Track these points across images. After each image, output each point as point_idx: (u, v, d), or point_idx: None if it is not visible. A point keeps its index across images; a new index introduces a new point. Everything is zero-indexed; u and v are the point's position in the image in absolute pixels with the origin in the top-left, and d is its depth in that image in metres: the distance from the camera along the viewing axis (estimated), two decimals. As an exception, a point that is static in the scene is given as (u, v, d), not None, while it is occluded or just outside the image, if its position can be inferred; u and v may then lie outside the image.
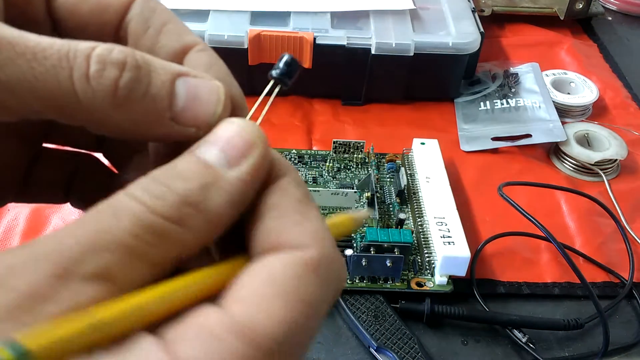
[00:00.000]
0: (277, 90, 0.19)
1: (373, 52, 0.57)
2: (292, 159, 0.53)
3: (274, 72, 0.19)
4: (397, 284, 0.43)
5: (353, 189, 0.49)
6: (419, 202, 0.48)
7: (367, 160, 0.53)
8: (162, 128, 0.17)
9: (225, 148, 0.16)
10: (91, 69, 0.15)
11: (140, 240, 0.14)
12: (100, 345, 0.13)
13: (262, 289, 0.15)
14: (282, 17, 0.60)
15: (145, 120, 0.16)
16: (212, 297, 0.15)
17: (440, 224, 0.44)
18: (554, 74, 0.64)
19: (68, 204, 0.22)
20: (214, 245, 0.18)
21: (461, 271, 0.43)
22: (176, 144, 0.18)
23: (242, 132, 0.17)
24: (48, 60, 0.15)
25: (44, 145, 0.22)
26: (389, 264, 0.42)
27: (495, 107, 0.61)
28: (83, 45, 0.16)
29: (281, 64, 0.19)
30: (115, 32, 0.19)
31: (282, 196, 0.17)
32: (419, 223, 0.46)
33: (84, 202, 0.22)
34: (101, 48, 0.16)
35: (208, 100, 0.17)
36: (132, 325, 0.14)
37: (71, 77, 0.15)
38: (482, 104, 0.61)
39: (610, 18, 0.79)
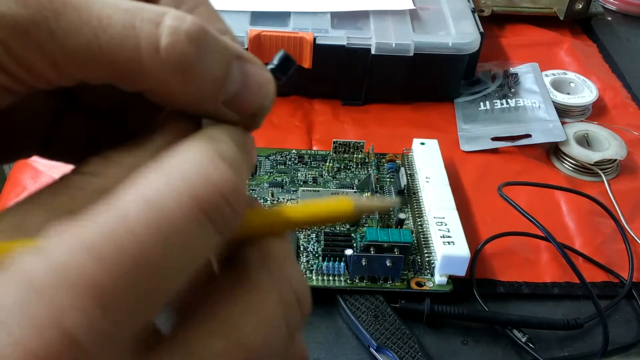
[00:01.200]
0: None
1: (373, 52, 0.57)
2: (292, 159, 0.53)
3: (269, 67, 0.19)
4: (397, 283, 0.43)
5: (353, 189, 0.49)
6: (419, 202, 0.48)
7: (367, 160, 0.53)
8: (212, 107, 0.17)
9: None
10: (162, 40, 0.15)
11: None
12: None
13: (110, 199, 0.14)
14: (282, 17, 0.60)
15: (200, 98, 0.16)
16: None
17: (440, 223, 0.44)
18: (553, 74, 0.64)
19: None
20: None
21: (461, 271, 0.43)
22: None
23: None
24: (113, 27, 0.15)
25: (70, 104, 0.21)
26: (388, 264, 0.42)
27: (495, 107, 0.61)
28: (150, 13, 0.15)
29: (275, 60, 0.19)
30: None
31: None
32: (419, 223, 0.47)
33: None
34: (173, 17, 0.15)
35: (260, 93, 0.17)
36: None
37: (138, 46, 0.15)
38: (481, 104, 0.61)
39: (609, 18, 0.79)
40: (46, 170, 0.52)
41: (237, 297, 0.15)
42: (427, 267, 0.44)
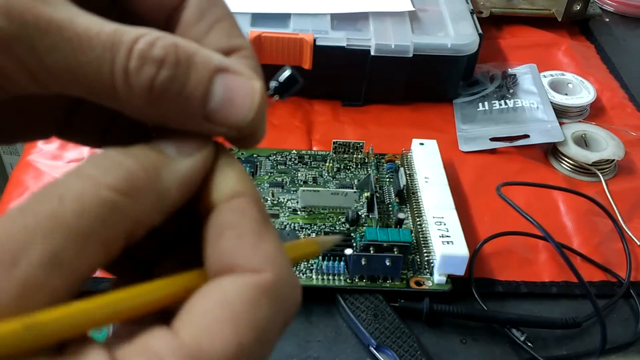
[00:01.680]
0: (275, 98, 0.19)
1: (372, 53, 0.58)
2: (292, 159, 0.53)
3: (272, 85, 0.19)
4: (396, 283, 0.43)
5: (353, 189, 0.50)
6: (418, 202, 0.48)
7: (366, 161, 0.53)
8: (194, 124, 0.17)
9: (178, 142, 0.17)
10: (130, 64, 0.15)
11: (86, 219, 0.14)
12: (43, 348, 0.13)
13: (213, 312, 0.15)
14: (282, 18, 0.60)
15: (178, 116, 0.17)
16: (165, 309, 0.16)
17: (439, 223, 0.45)
18: (551, 75, 0.65)
19: None
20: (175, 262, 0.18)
21: (460, 270, 0.43)
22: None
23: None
24: (93, 50, 0.15)
25: None
26: (388, 264, 0.42)
27: (494, 108, 0.61)
28: (127, 37, 0.15)
29: (280, 78, 0.19)
30: (170, 14, 0.19)
31: (241, 216, 0.16)
32: (418, 223, 0.47)
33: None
34: (143, 42, 0.15)
35: (242, 104, 0.17)
36: (73, 330, 0.14)
37: (112, 70, 0.15)
38: (480, 104, 0.62)
39: (607, 19, 0.80)
40: (48, 170, 0.52)
41: None
42: (426, 266, 0.44)
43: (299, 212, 0.48)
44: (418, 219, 0.47)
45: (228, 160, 0.18)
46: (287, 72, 0.19)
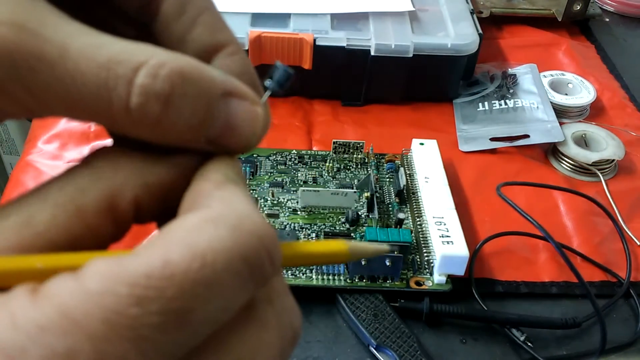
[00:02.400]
0: (268, 94, 0.19)
1: (372, 53, 0.58)
2: (292, 159, 0.53)
3: (268, 84, 0.19)
4: (396, 283, 0.43)
5: (353, 189, 0.50)
6: (418, 202, 0.48)
7: (366, 161, 0.53)
8: (196, 145, 0.17)
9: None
10: (132, 100, 0.15)
11: (63, 188, 0.16)
12: None
13: (147, 243, 0.14)
14: (282, 18, 0.60)
15: (179, 140, 0.16)
16: None
17: (439, 223, 0.45)
18: (551, 75, 0.65)
19: None
20: None
21: (460, 270, 0.43)
22: None
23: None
24: (86, 86, 0.14)
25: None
26: (388, 264, 0.42)
27: (494, 108, 0.61)
28: (125, 69, 0.15)
29: (273, 76, 0.19)
30: (146, 6, 0.18)
31: (205, 182, 0.16)
32: (418, 223, 0.47)
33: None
34: (144, 75, 0.15)
35: (245, 131, 0.17)
36: (10, 280, 0.14)
37: (110, 105, 0.15)
38: (480, 104, 0.62)
39: (607, 19, 0.80)
40: (48, 170, 0.52)
41: (245, 333, 0.15)
42: (426, 266, 0.44)
43: (299, 212, 0.48)
44: (418, 219, 0.47)
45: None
46: (278, 68, 0.19)
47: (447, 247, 0.43)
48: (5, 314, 0.12)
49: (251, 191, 0.50)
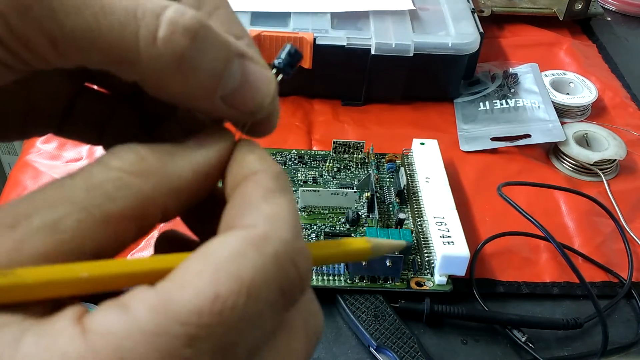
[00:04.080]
0: (279, 78, 0.19)
1: (373, 52, 0.57)
2: (292, 159, 0.53)
3: (277, 62, 0.19)
4: (396, 283, 0.43)
5: (353, 189, 0.49)
6: (419, 202, 0.48)
7: (366, 161, 0.53)
8: (209, 104, 0.17)
9: (197, 137, 0.17)
10: (160, 31, 0.15)
11: (91, 193, 0.15)
12: (21, 303, 0.14)
13: (193, 266, 0.14)
14: (282, 17, 0.60)
15: (197, 92, 0.16)
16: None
17: (440, 223, 0.44)
18: (553, 75, 0.65)
19: None
20: None
21: (460, 271, 0.43)
22: (212, 122, 0.18)
23: None
24: (115, 15, 0.15)
25: (87, 84, 0.22)
26: (388, 264, 0.42)
27: (495, 108, 0.61)
28: (152, 4, 0.15)
29: (283, 55, 0.19)
30: None
31: (252, 187, 0.16)
32: (419, 223, 0.47)
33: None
34: (173, 10, 0.15)
35: (259, 89, 0.17)
36: (56, 292, 0.14)
37: (137, 35, 0.15)
38: (481, 104, 0.61)
39: (609, 18, 0.79)
40: (47, 170, 0.52)
41: (275, 342, 0.15)
42: (426, 267, 0.44)
43: (299, 212, 0.48)
44: (419, 219, 0.47)
45: (249, 147, 0.18)
46: (287, 47, 0.19)
47: (447, 247, 0.42)
48: (56, 351, 0.12)
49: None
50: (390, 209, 0.49)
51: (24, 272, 0.13)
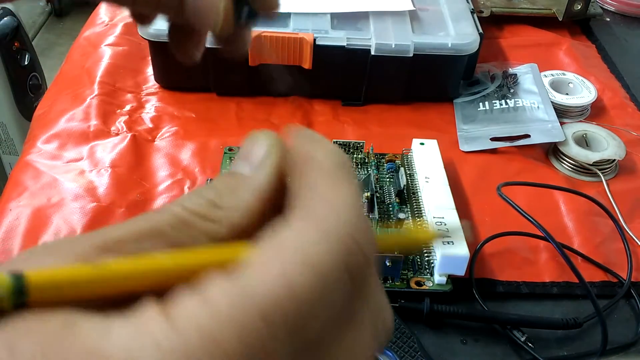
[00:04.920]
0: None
1: (373, 53, 0.58)
2: (292, 159, 0.53)
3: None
4: (396, 283, 0.43)
5: (353, 189, 0.49)
6: (419, 202, 0.48)
7: (366, 161, 0.53)
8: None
9: (248, 157, 0.18)
10: None
11: (173, 229, 0.16)
12: (104, 297, 0.14)
13: (264, 254, 0.15)
14: (282, 18, 0.60)
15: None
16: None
17: (440, 223, 0.44)
18: (552, 75, 0.65)
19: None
20: None
21: (460, 271, 0.43)
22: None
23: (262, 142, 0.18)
24: None
25: None
26: (388, 264, 0.42)
27: (494, 108, 0.61)
28: None
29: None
30: None
31: (315, 172, 0.17)
32: (419, 223, 0.47)
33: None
34: None
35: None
36: (137, 283, 0.14)
37: None
38: (481, 104, 0.62)
39: (608, 19, 0.80)
40: (47, 170, 0.52)
41: (342, 335, 0.16)
42: (426, 266, 0.44)
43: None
44: (418, 219, 0.47)
45: (308, 135, 0.19)
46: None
47: (447, 247, 0.42)
48: (148, 338, 0.13)
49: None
50: (390, 209, 0.49)
51: (113, 264, 0.14)
